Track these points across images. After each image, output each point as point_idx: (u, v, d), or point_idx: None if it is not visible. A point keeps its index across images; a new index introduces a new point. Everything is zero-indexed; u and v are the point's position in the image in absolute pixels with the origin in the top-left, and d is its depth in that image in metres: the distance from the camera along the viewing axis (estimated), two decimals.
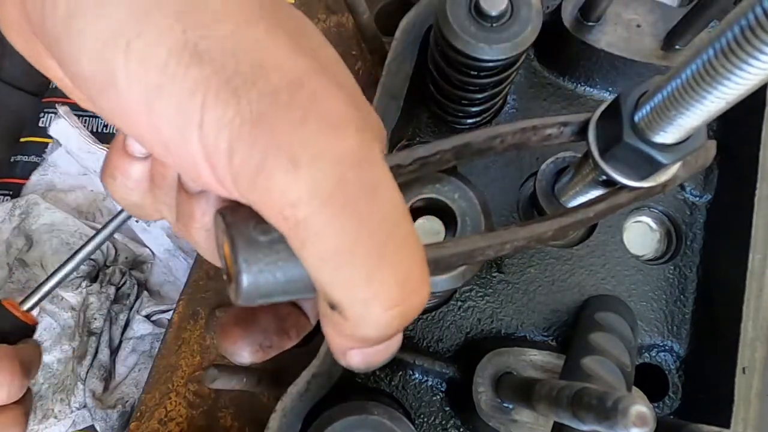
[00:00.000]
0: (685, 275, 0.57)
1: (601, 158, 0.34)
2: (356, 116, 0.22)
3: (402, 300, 0.22)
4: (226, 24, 0.22)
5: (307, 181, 0.20)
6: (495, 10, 0.45)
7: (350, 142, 0.21)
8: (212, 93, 0.21)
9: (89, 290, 1.10)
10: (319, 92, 0.22)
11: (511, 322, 0.55)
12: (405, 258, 0.22)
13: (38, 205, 1.16)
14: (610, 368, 0.42)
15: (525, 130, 0.35)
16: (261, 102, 0.21)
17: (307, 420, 0.44)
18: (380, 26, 0.68)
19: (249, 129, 0.20)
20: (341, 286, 0.21)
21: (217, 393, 0.65)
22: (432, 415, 0.53)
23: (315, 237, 0.20)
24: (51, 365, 1.11)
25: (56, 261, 1.10)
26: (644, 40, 0.56)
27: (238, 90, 0.21)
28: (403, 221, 0.22)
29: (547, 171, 0.52)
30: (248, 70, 0.21)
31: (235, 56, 0.21)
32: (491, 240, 0.32)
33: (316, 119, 0.21)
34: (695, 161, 0.36)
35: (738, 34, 0.21)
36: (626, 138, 0.31)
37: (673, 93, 0.27)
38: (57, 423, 1.08)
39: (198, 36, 0.21)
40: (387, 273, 0.21)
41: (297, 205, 0.20)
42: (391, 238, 0.21)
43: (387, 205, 0.21)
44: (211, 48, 0.21)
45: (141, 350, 1.13)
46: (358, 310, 0.21)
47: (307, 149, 0.20)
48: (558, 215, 0.34)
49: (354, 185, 0.20)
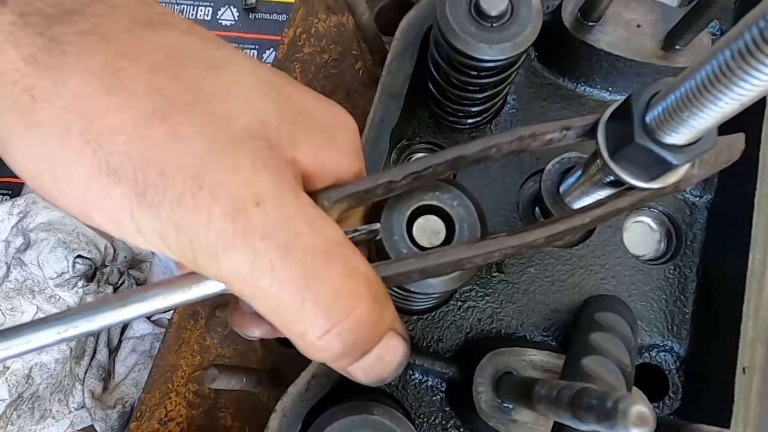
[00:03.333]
0: (685, 275, 0.57)
1: (611, 159, 0.34)
2: (262, 190, 0.25)
3: (332, 325, 0.26)
4: (123, 136, 0.24)
5: (230, 265, 0.25)
6: (495, 10, 0.45)
7: (264, 219, 0.25)
8: (137, 208, 0.24)
9: (86, 290, 1.10)
10: (217, 182, 0.25)
11: (511, 322, 0.55)
12: (328, 292, 0.26)
13: (36, 204, 1.16)
14: (610, 368, 0.42)
15: (523, 137, 0.35)
16: (174, 210, 0.24)
17: (307, 420, 0.44)
18: (380, 26, 0.68)
19: (174, 236, 0.24)
20: (283, 328, 0.27)
21: (217, 393, 0.65)
22: (432, 415, 0.53)
23: (257, 296, 0.26)
24: (48, 365, 1.11)
25: (53, 260, 1.10)
26: (644, 40, 0.56)
27: (154, 202, 0.24)
28: (324, 258, 0.26)
29: (552, 171, 0.52)
30: (157, 181, 0.24)
31: (143, 168, 0.24)
32: (478, 250, 0.33)
33: (220, 210, 0.24)
34: (714, 159, 0.35)
35: (757, 36, 0.21)
36: (637, 139, 0.31)
37: (687, 94, 0.27)
38: (55, 423, 1.08)
39: (106, 154, 0.24)
40: (310, 308, 0.26)
41: (233, 283, 0.26)
42: (313, 280, 0.26)
43: (307, 255, 0.26)
44: (123, 163, 0.24)
45: (141, 350, 1.13)
46: (299, 343, 0.27)
47: (220, 240, 0.24)
48: (549, 222, 0.34)
49: (272, 252, 0.25)
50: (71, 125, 0.24)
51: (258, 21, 1.34)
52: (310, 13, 0.78)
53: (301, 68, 0.75)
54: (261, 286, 0.25)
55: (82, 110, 0.24)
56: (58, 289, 1.12)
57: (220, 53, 0.28)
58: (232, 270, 0.25)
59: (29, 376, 1.09)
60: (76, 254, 1.11)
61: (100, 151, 0.24)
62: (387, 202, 0.39)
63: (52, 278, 1.12)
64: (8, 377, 1.07)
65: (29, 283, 1.15)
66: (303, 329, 0.26)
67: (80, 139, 0.24)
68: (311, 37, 0.76)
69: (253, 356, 0.65)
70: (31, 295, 1.14)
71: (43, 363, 1.10)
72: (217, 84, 0.27)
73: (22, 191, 1.19)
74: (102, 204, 0.25)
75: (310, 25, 0.77)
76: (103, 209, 0.25)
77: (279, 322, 0.27)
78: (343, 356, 0.28)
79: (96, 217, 0.25)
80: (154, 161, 0.24)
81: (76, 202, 0.25)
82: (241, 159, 0.25)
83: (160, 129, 0.25)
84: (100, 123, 0.24)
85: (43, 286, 1.14)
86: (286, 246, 0.25)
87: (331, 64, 0.74)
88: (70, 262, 1.11)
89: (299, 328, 0.26)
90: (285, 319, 0.26)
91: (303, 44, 0.76)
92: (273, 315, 0.26)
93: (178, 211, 0.24)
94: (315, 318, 0.26)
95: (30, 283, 1.15)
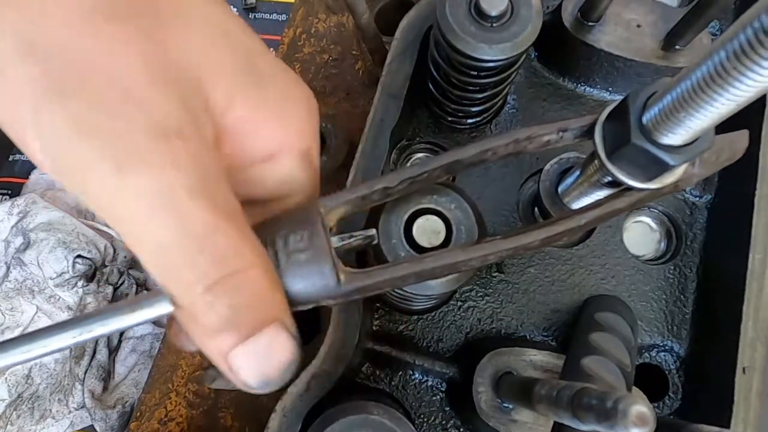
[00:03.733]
0: (685, 275, 0.57)
1: (608, 159, 0.34)
2: (185, 127, 0.24)
3: (225, 275, 0.25)
4: (56, 19, 0.22)
5: (136, 183, 0.22)
6: (495, 10, 0.45)
7: (186, 152, 0.23)
8: (43, 97, 0.22)
9: (86, 290, 1.10)
10: (146, 101, 0.23)
11: (511, 322, 0.55)
12: (228, 244, 0.25)
13: (36, 203, 1.16)
14: (610, 368, 0.42)
15: (519, 140, 0.35)
16: (90, 110, 0.22)
17: (307, 420, 0.44)
18: (380, 26, 0.68)
19: (76, 139, 0.22)
20: (168, 275, 0.25)
21: (217, 393, 0.65)
22: (432, 415, 0.53)
23: (150, 231, 0.24)
24: (48, 365, 1.11)
25: (53, 259, 1.09)
26: (644, 40, 0.56)
27: (66, 93, 0.22)
28: (227, 215, 0.25)
29: (551, 171, 0.52)
30: (80, 76, 0.22)
31: (67, 58, 0.22)
32: (473, 253, 0.33)
33: (144, 127, 0.23)
34: (716, 158, 0.35)
35: (752, 37, 0.21)
36: (634, 139, 0.31)
37: (683, 94, 0.27)
38: (55, 423, 1.08)
39: (27, 31, 0.22)
40: (207, 256, 0.24)
41: (128, 205, 0.23)
42: (215, 229, 0.24)
43: (215, 205, 0.24)
44: (45, 46, 0.22)
45: (141, 350, 1.13)
46: (185, 297, 0.25)
47: (133, 155, 0.22)
48: (545, 224, 0.34)
49: (184, 188, 0.23)
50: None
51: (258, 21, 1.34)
52: (310, 13, 0.78)
53: (301, 68, 0.75)
54: (161, 219, 0.23)
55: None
56: (57, 289, 1.12)
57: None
58: (134, 190, 0.22)
59: (29, 376, 1.09)
60: (75, 254, 1.11)
61: (21, 22, 0.22)
62: (385, 206, 0.39)
63: (52, 278, 1.12)
64: (8, 377, 1.07)
65: (29, 283, 1.15)
66: (193, 277, 0.24)
67: (12, 15, 0.22)
68: (311, 37, 0.76)
69: None
70: (30, 295, 1.14)
71: (42, 363, 1.10)
72: (172, 13, 0.26)
73: (22, 191, 1.19)
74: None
75: (310, 25, 0.77)
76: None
77: (166, 265, 0.24)
78: (228, 326, 0.26)
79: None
80: (84, 55, 0.22)
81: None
82: (171, 92, 0.24)
83: (101, 28, 0.23)
84: (37, 3, 0.22)
85: (42, 286, 1.14)
86: (199, 188, 0.24)
87: (331, 64, 0.74)
88: (70, 262, 1.11)
89: (190, 275, 0.24)
90: (175, 264, 0.24)
91: (303, 44, 0.76)
92: (162, 257, 0.24)
93: (96, 112, 0.22)
94: (209, 267, 0.24)
95: (30, 283, 1.15)
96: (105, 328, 0.26)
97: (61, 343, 0.26)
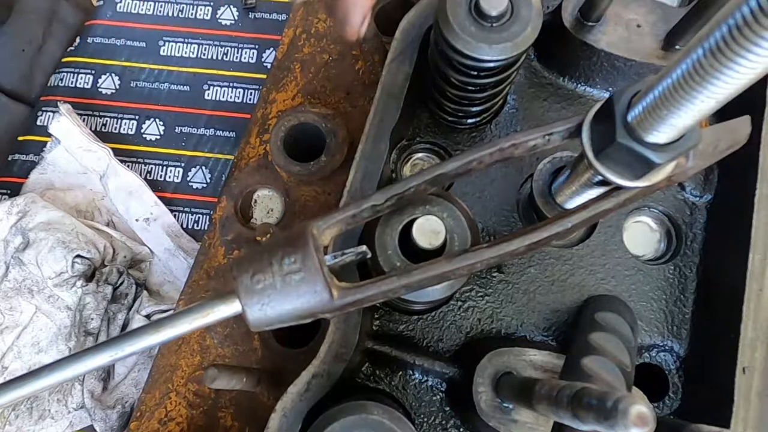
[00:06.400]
0: (685, 275, 0.57)
1: (595, 159, 0.34)
2: None
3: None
4: None
5: None
6: (495, 10, 0.45)
7: None
8: None
9: (85, 290, 1.10)
10: None
11: (511, 322, 0.55)
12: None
13: (35, 203, 1.15)
14: (610, 368, 0.42)
15: (503, 148, 0.36)
16: None
17: (307, 420, 0.44)
18: (380, 26, 0.68)
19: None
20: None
21: (217, 393, 0.65)
22: (432, 415, 0.53)
23: None
24: None
25: (52, 259, 1.09)
26: (644, 40, 0.56)
27: None
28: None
29: (543, 171, 0.52)
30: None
31: None
32: (459, 263, 0.34)
33: None
34: (713, 148, 0.35)
35: (726, 34, 0.21)
36: (619, 138, 0.31)
37: (664, 92, 0.27)
38: (54, 423, 1.08)
39: None
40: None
41: None
42: None
43: None
44: None
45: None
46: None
47: None
48: (529, 230, 0.35)
49: None
50: None
51: (258, 20, 1.33)
52: (310, 13, 0.78)
53: (301, 68, 0.75)
54: None
55: None
56: (57, 289, 1.12)
57: None
58: None
59: None
60: (75, 254, 1.11)
61: None
62: (381, 219, 0.41)
63: (51, 278, 1.11)
64: (7, 378, 1.07)
65: (28, 283, 1.14)
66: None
67: None
68: (311, 37, 0.76)
69: (253, 356, 0.65)
70: (29, 294, 1.14)
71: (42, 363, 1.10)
72: None
73: (21, 190, 1.19)
74: None
75: (310, 25, 0.77)
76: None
77: None
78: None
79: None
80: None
81: None
82: None
83: None
84: None
85: (41, 285, 1.14)
86: None
87: (331, 64, 0.74)
88: (69, 262, 1.10)
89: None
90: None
91: (303, 44, 0.76)
92: None
93: None
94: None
95: (29, 283, 1.15)
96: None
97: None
